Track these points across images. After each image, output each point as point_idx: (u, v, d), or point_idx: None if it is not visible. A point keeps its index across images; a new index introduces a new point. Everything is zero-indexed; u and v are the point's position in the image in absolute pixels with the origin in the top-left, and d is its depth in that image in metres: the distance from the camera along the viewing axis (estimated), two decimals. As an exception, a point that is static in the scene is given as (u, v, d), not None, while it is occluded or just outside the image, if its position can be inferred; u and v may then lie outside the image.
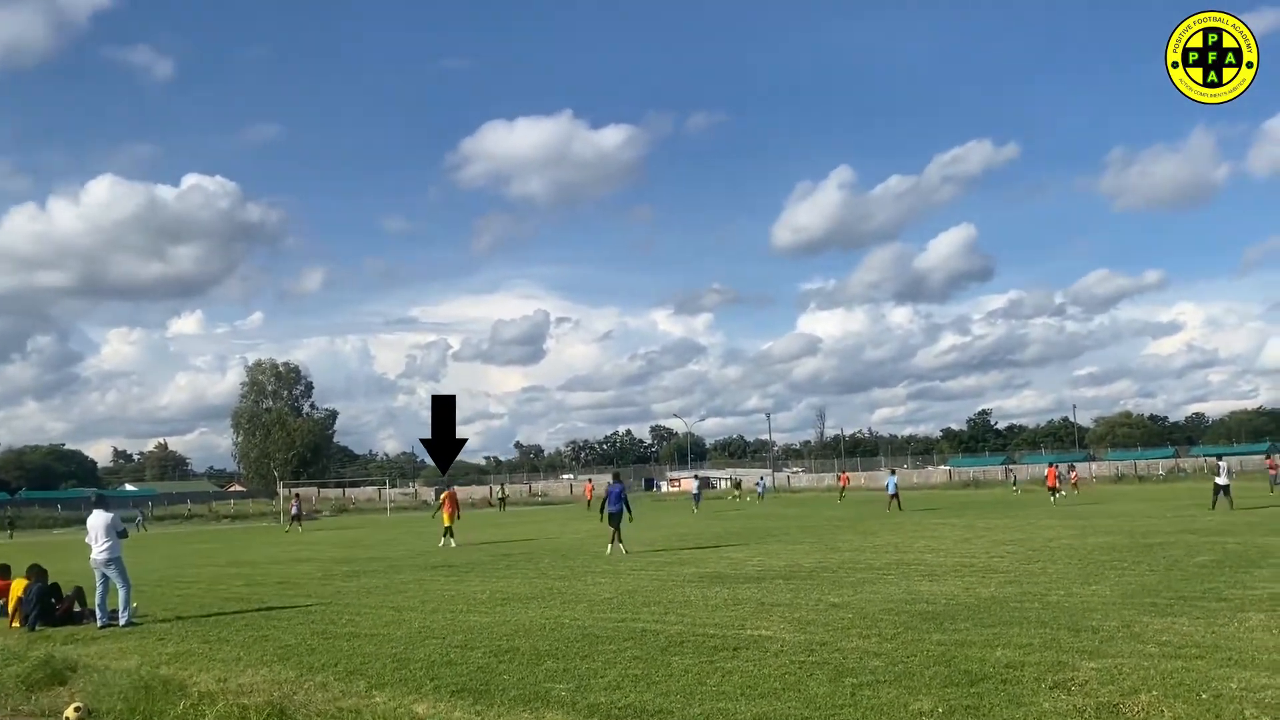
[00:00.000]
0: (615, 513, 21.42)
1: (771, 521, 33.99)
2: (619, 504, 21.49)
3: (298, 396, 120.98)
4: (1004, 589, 12.76)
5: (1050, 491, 41.72)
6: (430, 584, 16.55)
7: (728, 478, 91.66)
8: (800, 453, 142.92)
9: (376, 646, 10.28)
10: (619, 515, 21.41)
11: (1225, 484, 30.34)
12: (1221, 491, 30.01)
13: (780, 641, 9.51)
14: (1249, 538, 18.98)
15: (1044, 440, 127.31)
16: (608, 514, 21.55)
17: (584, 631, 10.60)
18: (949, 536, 22.90)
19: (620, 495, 21.66)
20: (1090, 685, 7.21)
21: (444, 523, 27.09)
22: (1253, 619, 9.64)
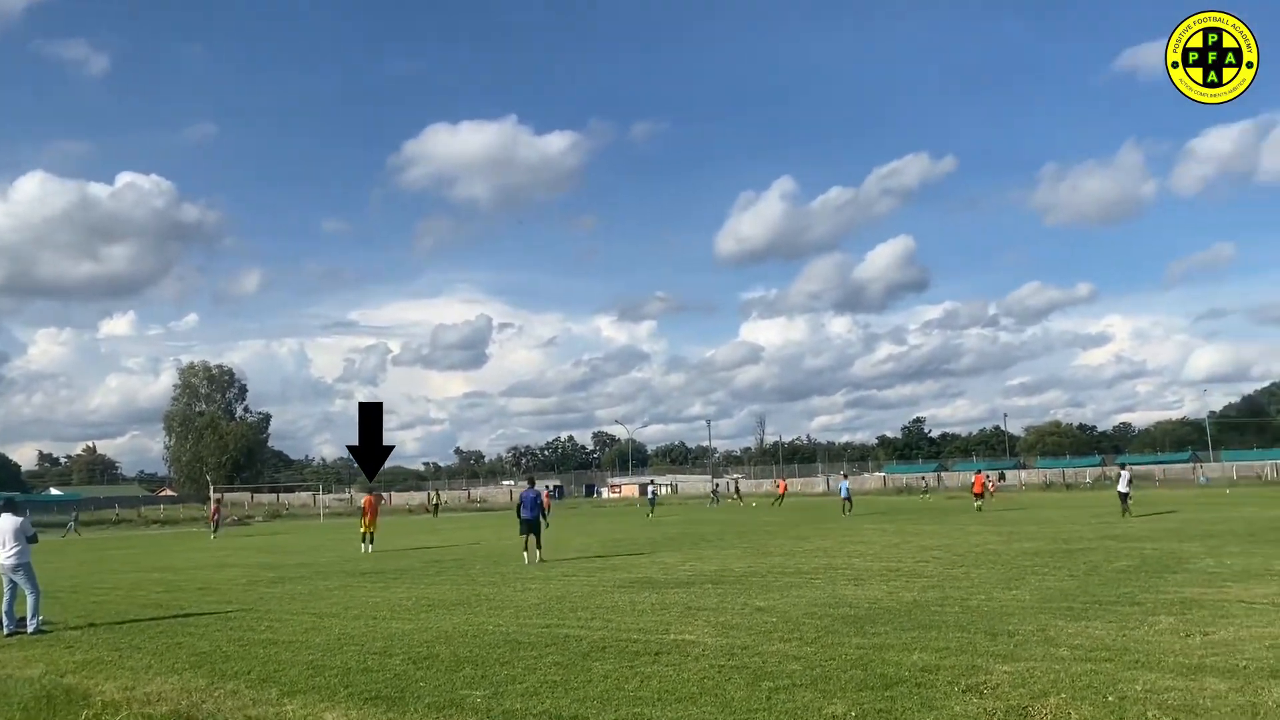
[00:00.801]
0: (530, 520, 20.46)
1: (706, 527, 34.08)
2: (534, 511, 20.55)
3: (231, 400, 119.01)
4: (926, 593, 12.92)
5: (976, 498, 42.42)
6: (355, 590, 16.30)
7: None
8: (741, 459, 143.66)
9: (293, 653, 10.07)
10: (535, 522, 20.46)
11: (1125, 491, 31.40)
12: (1123, 499, 31.13)
13: (702, 646, 9.51)
14: (1166, 544, 19.45)
15: (976, 448, 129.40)
16: (523, 521, 20.56)
17: (507, 638, 10.50)
18: (878, 542, 23.14)
19: (536, 501, 20.73)
20: (1002, 688, 7.30)
21: (362, 529, 26.69)
22: (1162, 622, 9.86)
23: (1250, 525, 24.16)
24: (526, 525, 20.39)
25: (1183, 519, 28.21)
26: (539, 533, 20.50)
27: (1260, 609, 10.56)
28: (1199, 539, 20.29)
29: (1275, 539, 19.58)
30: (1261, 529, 22.61)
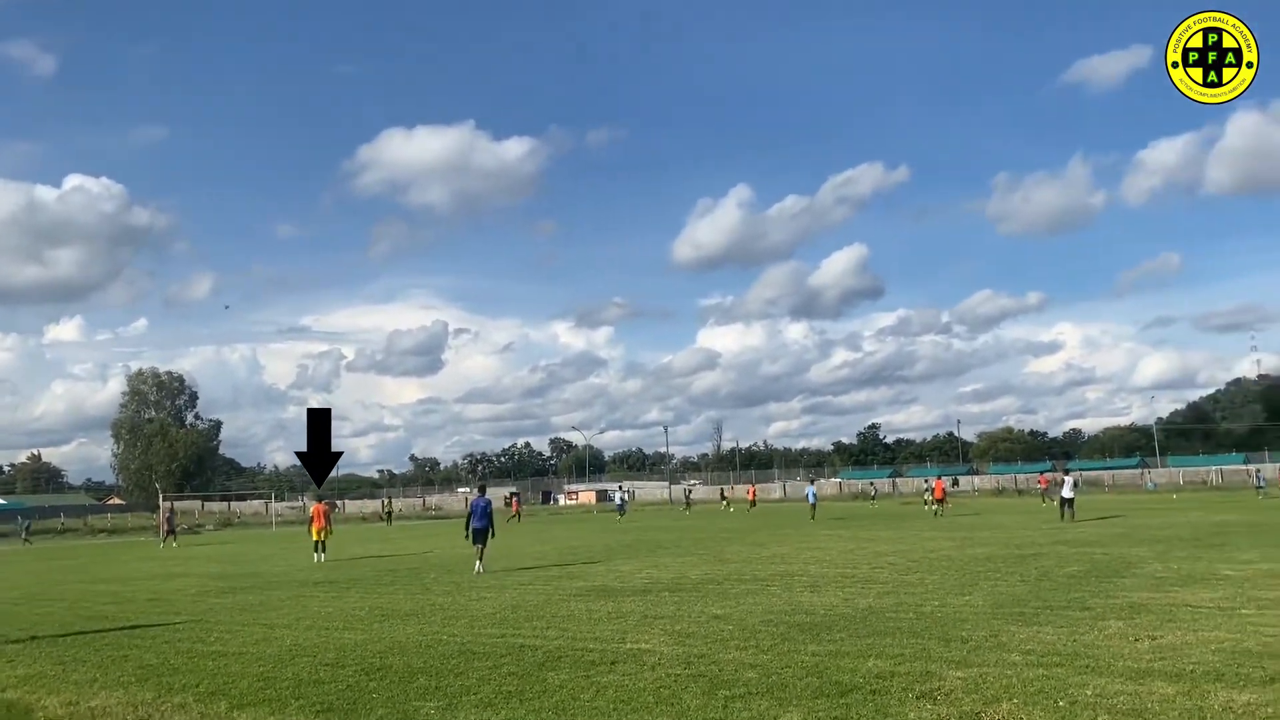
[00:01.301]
0: (481, 529, 19.89)
1: (663, 534, 34.08)
2: (485, 520, 19.94)
3: (181, 407, 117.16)
4: (882, 600, 13.00)
5: (937, 503, 43.04)
6: (307, 600, 16.07)
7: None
8: (698, 465, 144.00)
9: (243, 665, 9.90)
10: (485, 532, 19.92)
11: (1070, 497, 32.09)
12: (1066, 504, 31.89)
13: (659, 655, 9.48)
14: (1115, 549, 19.76)
15: (930, 454, 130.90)
16: (473, 530, 19.94)
17: (461, 647, 10.40)
18: (834, 548, 23.28)
19: (486, 510, 20.14)
20: (955, 694, 7.35)
21: (313, 537, 26.35)
22: (1112, 627, 10.00)
23: (1196, 530, 24.62)
24: (478, 534, 19.91)
25: (1131, 524, 28.69)
26: (486, 542, 20.07)
27: (1206, 613, 10.74)
28: (1147, 544, 20.64)
29: (1220, 544, 19.97)
30: (1207, 534, 23.06)
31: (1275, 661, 7.98)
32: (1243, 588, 12.76)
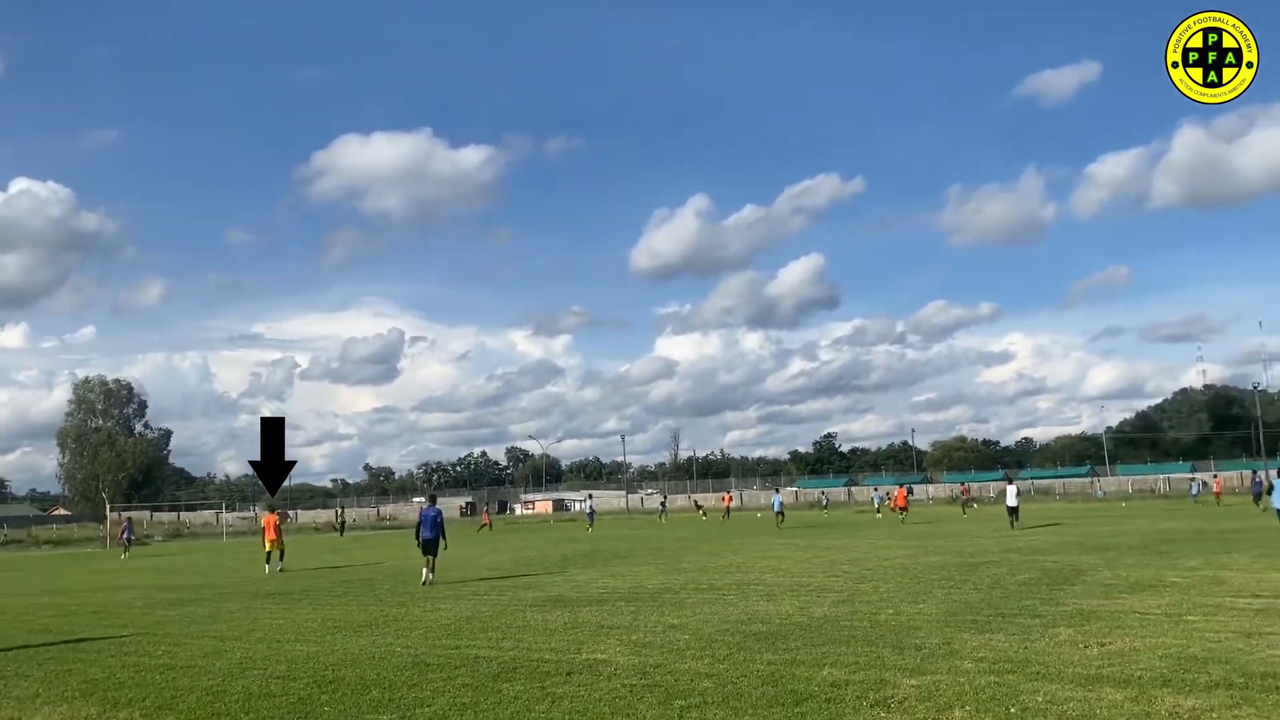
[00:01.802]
0: (431, 539, 19.51)
1: (620, 543, 34.02)
2: (435, 530, 19.58)
3: (130, 415, 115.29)
4: (837, 608, 13.07)
5: (901, 511, 44.09)
6: (258, 613, 15.83)
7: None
8: (655, 474, 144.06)
9: (192, 679, 9.72)
10: (435, 542, 19.54)
11: (1014, 505, 32.74)
12: (1012, 512, 32.60)
13: (615, 665, 9.45)
14: (1066, 556, 20.04)
15: (885, 463, 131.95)
16: (423, 541, 19.56)
17: (415, 659, 10.29)
18: (790, 557, 23.38)
19: (436, 520, 19.76)
20: (909, 702, 7.40)
21: (265, 548, 26.00)
22: (1062, 634, 10.13)
23: (1144, 537, 25.04)
24: (428, 545, 19.53)
25: (1082, 532, 29.12)
26: (437, 553, 19.70)
27: (1154, 619, 10.92)
28: (1097, 551, 20.95)
29: (1168, 550, 20.33)
30: (1155, 541, 23.46)
31: (1220, 667, 8.12)
32: (1188, 594, 12.99)
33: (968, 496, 43.97)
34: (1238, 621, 10.52)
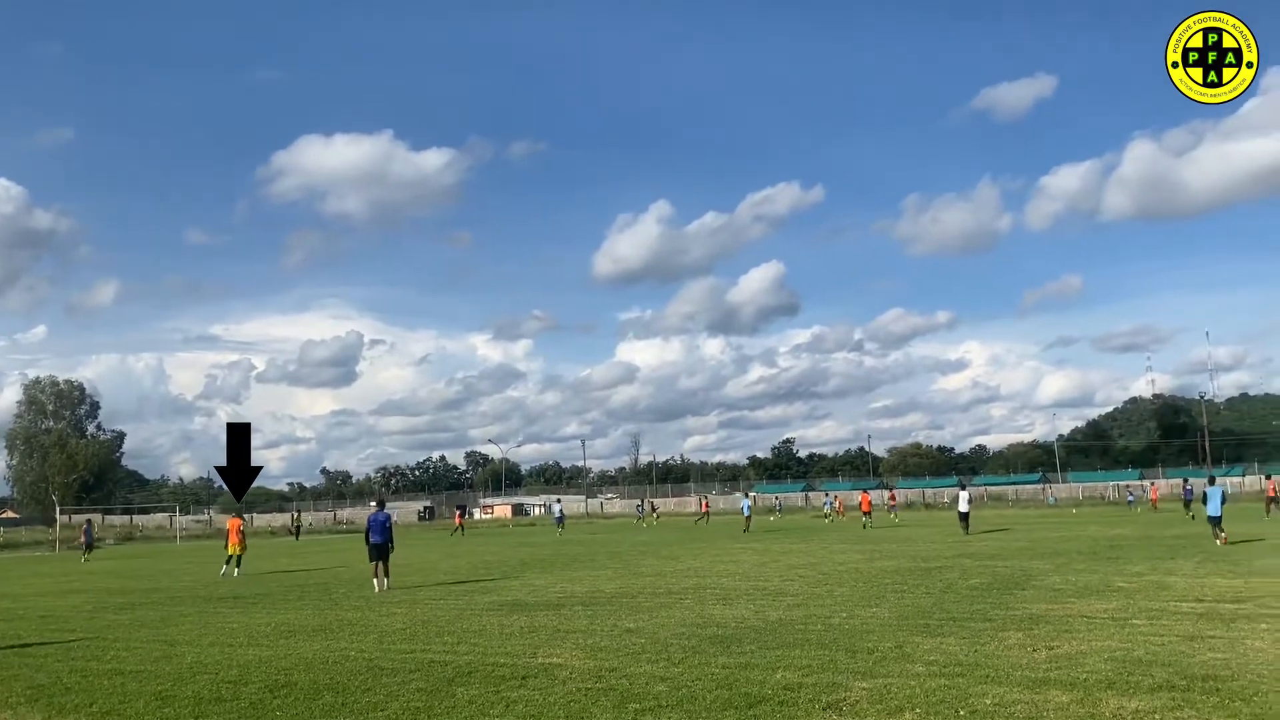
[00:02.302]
0: (379, 545, 19.13)
1: (577, 548, 33.99)
2: (383, 535, 19.21)
3: (81, 417, 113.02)
4: (791, 612, 13.17)
5: (864, 515, 45.03)
6: (211, 616, 15.64)
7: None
8: (615, 479, 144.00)
9: (140, 684, 9.59)
10: (384, 548, 19.19)
11: (965, 511, 33.43)
12: (963, 518, 33.37)
13: (570, 669, 9.46)
14: (1017, 561, 20.34)
15: (842, 468, 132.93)
16: (371, 546, 19.22)
17: (369, 663, 10.24)
18: (747, 561, 23.50)
19: (385, 526, 19.42)
20: (860, 705, 7.49)
21: (228, 551, 25.76)
22: (1011, 638, 10.29)
23: (1094, 544, 25.47)
24: (376, 550, 19.18)
25: (1033, 537, 29.54)
26: (387, 558, 19.42)
27: (1101, 623, 11.13)
28: (1047, 557, 21.28)
29: (1116, 556, 20.69)
30: (1103, 547, 23.87)
31: (1163, 669, 8.30)
32: (1134, 599, 13.25)
33: (868, 511, 45.07)
34: (1181, 625, 10.75)
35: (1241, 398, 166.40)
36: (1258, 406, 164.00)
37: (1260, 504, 44.91)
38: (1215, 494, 23.80)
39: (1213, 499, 23.60)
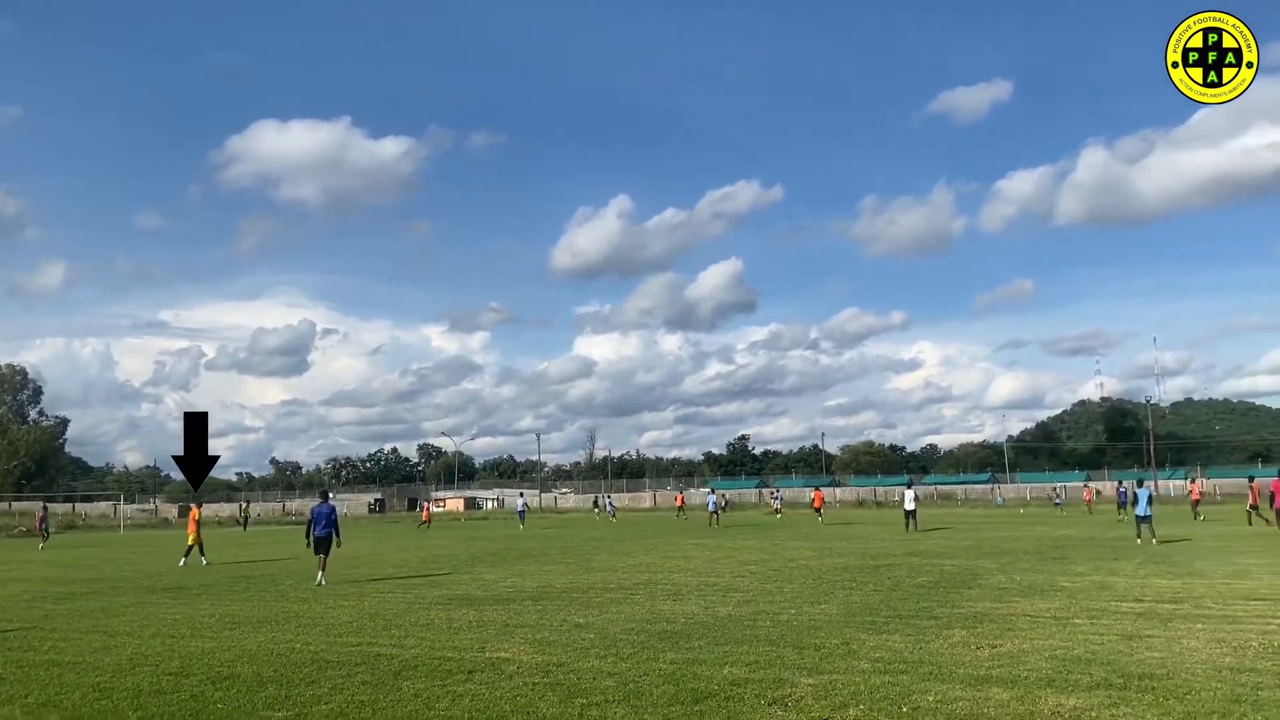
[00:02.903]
0: (323, 537, 18.66)
1: (529, 542, 33.91)
2: (328, 528, 18.74)
3: (24, 402, 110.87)
4: (741, 608, 13.24)
5: (817, 512, 46.10)
6: (153, 607, 15.38)
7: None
8: (570, 474, 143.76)
9: (79, 675, 9.41)
10: (328, 540, 18.68)
11: (911, 509, 34.48)
12: (909, 515, 34.15)
13: (518, 663, 9.44)
14: (964, 560, 20.61)
15: (796, 465, 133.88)
16: (314, 539, 18.73)
17: (314, 656, 10.13)
18: (699, 557, 23.59)
19: (330, 518, 18.90)
20: (805, 701, 7.55)
21: (188, 541, 25.42)
22: (956, 635, 10.43)
23: (1039, 544, 25.86)
24: (319, 543, 18.68)
25: (980, 537, 29.95)
26: (329, 552, 18.81)
27: (1043, 622, 11.31)
28: (993, 556, 21.58)
29: (1060, 556, 21.03)
30: (1049, 547, 24.25)
31: (1101, 668, 8.46)
32: (1076, 598, 13.48)
33: (819, 505, 46.00)
34: (1121, 625, 10.95)
35: (1186, 402, 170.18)
36: (1201, 411, 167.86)
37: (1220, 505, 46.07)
38: (1144, 495, 24.47)
39: (1141, 500, 24.33)
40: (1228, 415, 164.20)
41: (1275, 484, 23.98)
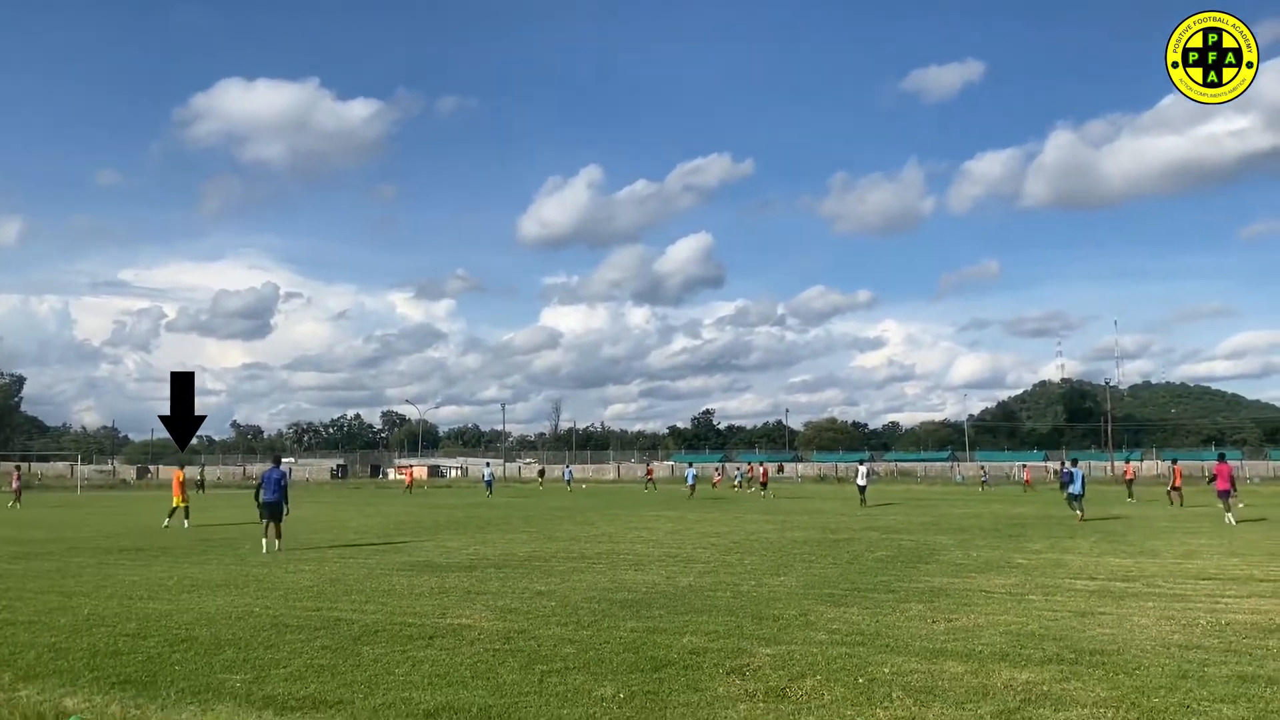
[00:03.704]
0: (272, 503, 18.30)
1: (492, 511, 33.93)
2: (277, 493, 18.39)
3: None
4: (702, 579, 13.34)
5: (761, 486, 47.46)
6: (111, 569, 15.24)
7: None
8: (534, 444, 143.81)
9: (33, 635, 9.32)
10: (277, 506, 18.30)
11: (864, 485, 36.17)
12: (861, 491, 35.79)
13: (479, 630, 9.46)
14: (922, 536, 20.87)
15: (759, 440, 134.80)
16: (264, 504, 18.38)
17: (274, 620, 10.09)
18: (661, 529, 23.72)
19: (280, 483, 18.55)
20: (763, 670, 7.63)
21: (174, 503, 25.14)
22: (913, 609, 10.57)
23: (997, 521, 26.27)
24: (269, 509, 18.31)
25: (939, 513, 30.35)
26: (280, 519, 18.43)
27: (998, 598, 11.49)
28: (952, 532, 21.88)
29: (1017, 534, 21.36)
30: (1006, 524, 24.63)
31: (1054, 643, 8.61)
32: (1032, 575, 13.70)
33: (765, 478, 47.26)
34: (1074, 601, 11.15)
35: (1144, 385, 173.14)
36: (1158, 394, 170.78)
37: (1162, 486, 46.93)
38: (1078, 475, 26.50)
39: (1075, 480, 26.28)
40: (1184, 399, 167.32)
41: (1218, 468, 24.59)
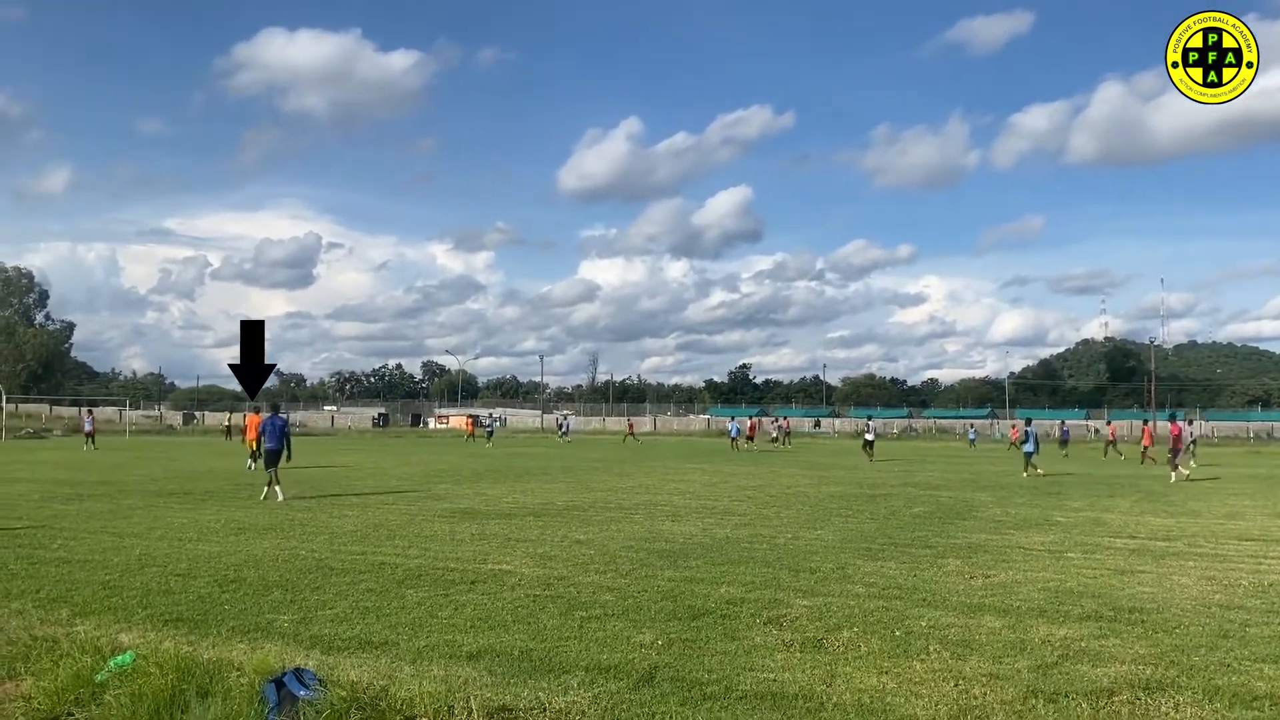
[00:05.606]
0: (273, 450, 18.14)
1: (531, 461, 34.25)
2: (278, 440, 18.19)
3: (30, 305, 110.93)
4: (738, 530, 13.43)
5: (748, 440, 49.62)
6: (161, 511, 15.62)
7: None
8: (572, 396, 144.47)
9: (89, 573, 9.60)
10: (277, 454, 18.13)
11: (871, 439, 36.73)
12: (868, 445, 36.43)
13: (519, 576, 9.61)
14: (960, 493, 20.82)
15: (796, 395, 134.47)
16: (265, 451, 18.32)
17: (319, 563, 10.31)
18: (698, 481, 23.84)
19: (281, 430, 18.42)
20: (800, 621, 7.70)
21: (248, 447, 25.67)
22: (950, 565, 10.58)
23: (1036, 479, 26.09)
24: (270, 456, 18.23)
25: (977, 470, 30.21)
26: (276, 466, 18.17)
27: (1036, 555, 11.46)
28: (990, 489, 21.80)
29: (1056, 492, 21.22)
30: (1044, 483, 24.47)
31: (1093, 600, 8.60)
32: (1071, 533, 13.64)
33: (752, 435, 48.90)
34: (1113, 560, 11.10)
35: (1189, 344, 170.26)
36: (1203, 354, 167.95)
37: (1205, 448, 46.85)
38: (1031, 434, 27.74)
39: (1029, 439, 27.51)
40: (1230, 359, 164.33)
41: (1174, 428, 26.27)
